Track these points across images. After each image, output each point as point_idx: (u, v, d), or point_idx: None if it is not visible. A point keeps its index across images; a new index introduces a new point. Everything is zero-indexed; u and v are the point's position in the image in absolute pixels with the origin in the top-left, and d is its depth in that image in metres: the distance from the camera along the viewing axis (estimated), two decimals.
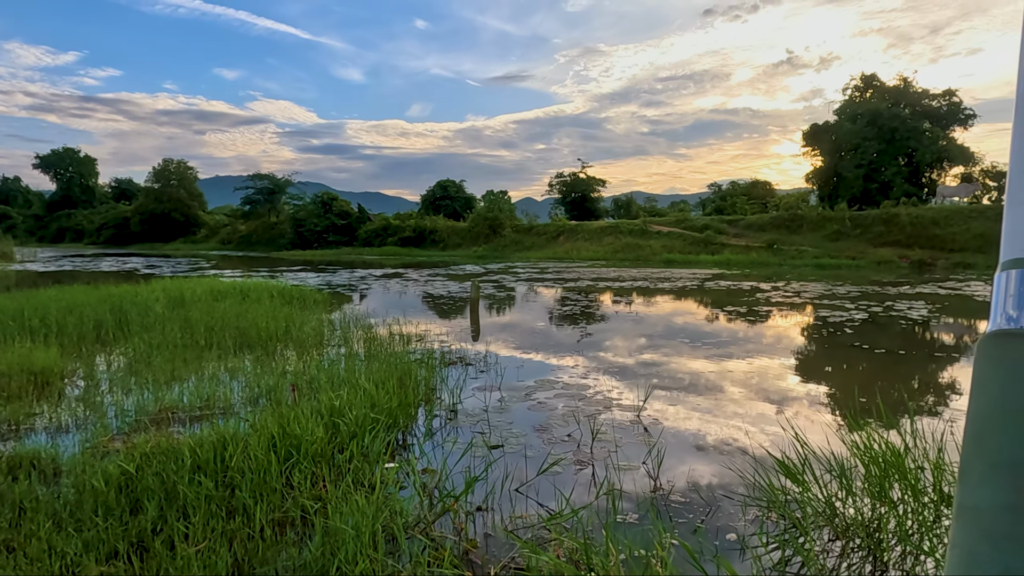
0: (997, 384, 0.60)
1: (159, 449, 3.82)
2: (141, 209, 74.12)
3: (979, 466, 0.58)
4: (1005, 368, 0.60)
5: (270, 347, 7.96)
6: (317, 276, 24.65)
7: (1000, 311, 0.63)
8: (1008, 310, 0.62)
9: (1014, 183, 0.66)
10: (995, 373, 0.60)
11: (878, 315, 12.60)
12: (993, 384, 0.60)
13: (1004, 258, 0.65)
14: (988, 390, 0.60)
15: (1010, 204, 0.65)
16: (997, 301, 0.64)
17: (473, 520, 3.50)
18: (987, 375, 0.61)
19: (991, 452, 0.58)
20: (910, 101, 44.97)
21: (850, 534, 3.24)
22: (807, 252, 34.01)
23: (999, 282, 0.64)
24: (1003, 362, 0.60)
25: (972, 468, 0.59)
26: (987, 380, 0.61)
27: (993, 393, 0.60)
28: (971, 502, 0.58)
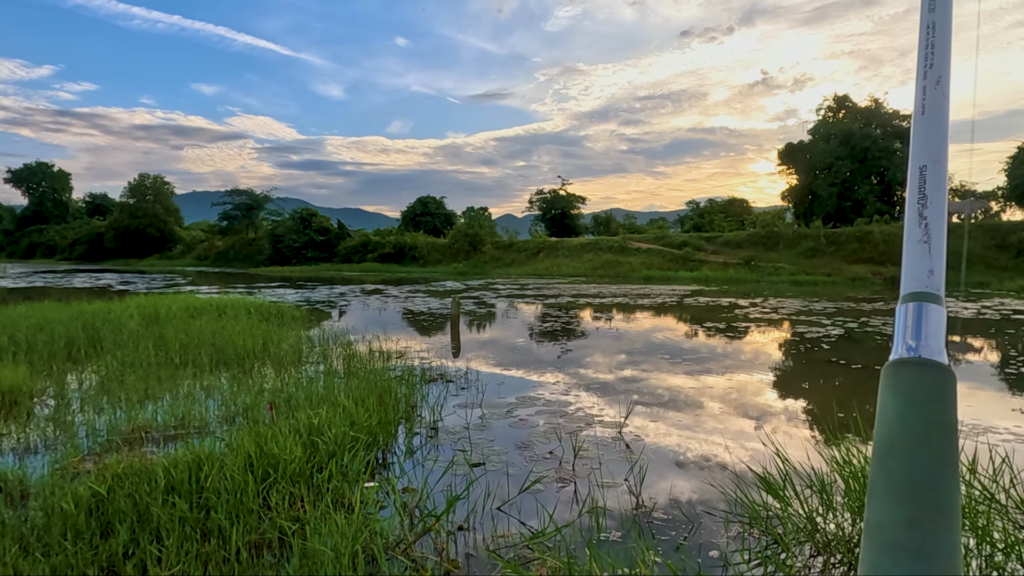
0: (896, 409, 0.65)
1: (131, 470, 3.72)
2: (116, 224, 73.02)
3: (882, 485, 0.63)
4: (903, 394, 0.65)
5: (247, 364, 7.84)
6: (296, 292, 24.42)
7: (901, 341, 0.68)
8: (907, 340, 0.68)
9: (910, 222, 0.73)
10: (894, 399, 0.66)
11: (854, 331, 12.79)
12: (892, 409, 0.65)
13: (903, 291, 0.71)
14: (888, 415, 0.65)
15: (907, 241, 0.72)
16: (898, 332, 0.69)
17: (455, 540, 3.45)
18: (888, 401, 0.66)
19: (892, 472, 0.62)
20: (881, 121, 46.12)
21: (831, 549, 3.25)
22: (784, 269, 34.50)
23: (899, 314, 0.70)
24: (901, 388, 0.66)
25: (876, 487, 0.63)
26: (889, 405, 0.66)
27: (893, 418, 0.65)
28: (876, 519, 0.62)
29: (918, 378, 0.65)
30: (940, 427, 0.63)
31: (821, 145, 45.75)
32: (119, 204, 76.30)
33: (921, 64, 0.77)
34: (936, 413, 0.63)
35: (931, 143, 0.75)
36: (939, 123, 0.75)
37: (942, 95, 0.76)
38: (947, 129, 0.76)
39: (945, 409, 0.64)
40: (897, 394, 0.66)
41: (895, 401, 0.65)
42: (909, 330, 0.68)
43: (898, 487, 0.62)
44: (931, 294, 0.69)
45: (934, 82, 0.76)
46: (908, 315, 0.69)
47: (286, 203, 70.90)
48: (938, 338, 0.67)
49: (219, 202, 72.23)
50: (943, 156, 0.75)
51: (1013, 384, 7.91)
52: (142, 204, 73.39)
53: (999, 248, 31.77)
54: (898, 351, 0.68)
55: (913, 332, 0.68)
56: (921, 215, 0.72)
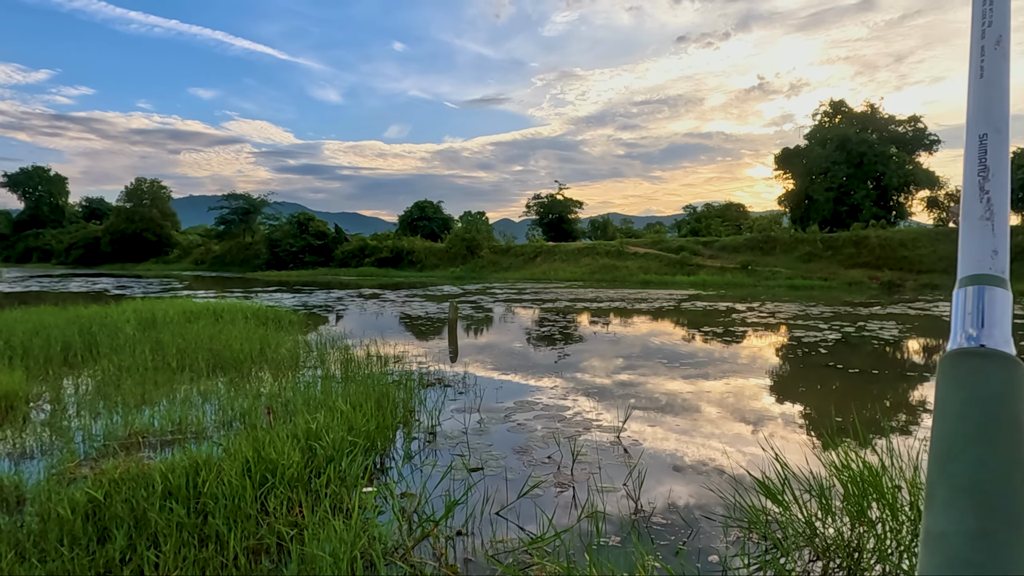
0: (958, 405, 0.59)
1: (128, 475, 3.70)
2: (112, 229, 72.86)
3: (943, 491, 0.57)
4: (965, 388, 0.59)
5: (244, 369, 7.82)
6: (293, 297, 24.38)
7: (960, 329, 0.62)
8: (967, 328, 0.61)
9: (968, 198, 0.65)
10: (956, 394, 0.59)
11: (851, 335, 12.81)
12: (954, 405, 0.59)
13: (961, 274, 0.65)
14: (949, 411, 0.59)
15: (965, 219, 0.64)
16: (956, 319, 0.63)
17: (453, 545, 3.44)
18: (948, 396, 0.60)
19: (954, 476, 0.56)
20: (877, 127, 46.28)
21: (830, 554, 3.24)
22: (780, 273, 34.56)
23: (957, 299, 0.64)
24: (963, 382, 0.59)
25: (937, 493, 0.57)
26: (948, 401, 0.59)
27: (954, 415, 0.58)
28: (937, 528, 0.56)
29: (983, 371, 0.59)
30: (1008, 425, 0.56)
31: (817, 150, 45.89)
32: (116, 208, 76.17)
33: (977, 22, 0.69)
34: (1004, 410, 0.57)
35: (992, 109, 0.67)
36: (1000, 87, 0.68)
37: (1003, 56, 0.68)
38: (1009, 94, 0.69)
39: (1014, 405, 0.57)
40: (958, 388, 0.59)
41: (956, 396, 0.59)
42: (970, 317, 0.61)
43: (963, 494, 0.55)
44: (995, 276, 0.62)
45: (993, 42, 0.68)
46: (968, 300, 0.62)
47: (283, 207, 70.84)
48: (1004, 326, 0.60)
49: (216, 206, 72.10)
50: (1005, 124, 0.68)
51: None
52: (139, 208, 73.27)
53: None
54: (957, 340, 0.61)
55: (975, 319, 0.61)
56: (983, 188, 0.65)
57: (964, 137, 0.66)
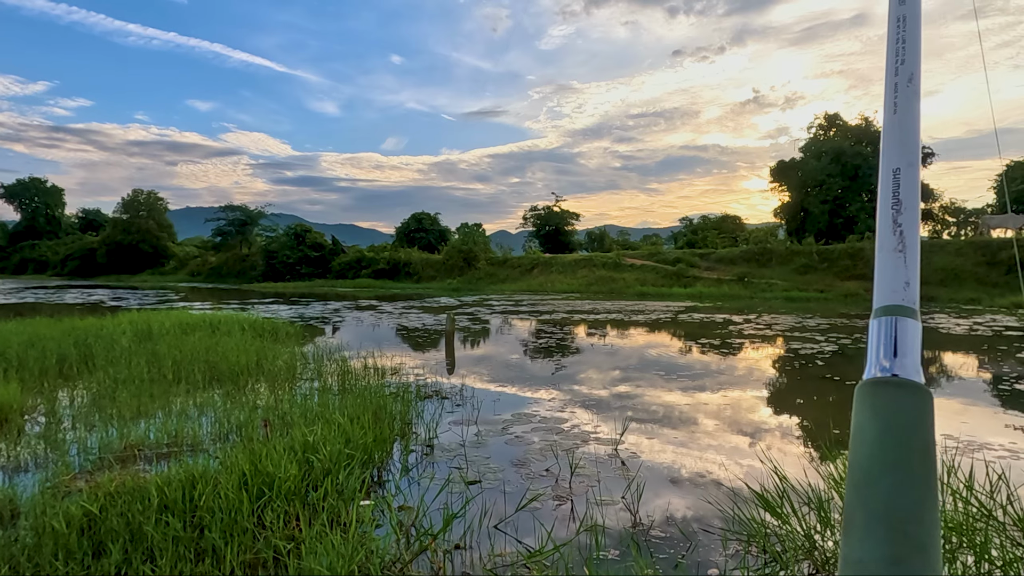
0: (873, 433, 0.61)
1: (124, 488, 3.68)
2: (108, 240, 72.73)
3: (860, 518, 0.58)
4: (880, 417, 0.61)
5: (241, 381, 7.79)
6: (289, 308, 24.33)
7: (875, 359, 0.65)
8: (881, 359, 0.64)
9: (883, 230, 0.68)
10: (872, 422, 0.62)
11: (847, 347, 12.82)
12: (870, 433, 0.61)
13: (876, 304, 0.67)
14: (866, 438, 0.61)
15: (880, 250, 0.68)
16: (871, 349, 0.66)
17: (451, 559, 3.42)
18: (864, 424, 0.62)
19: (871, 503, 0.58)
20: (871, 139, 46.58)
21: (830, 567, 3.23)
22: (777, 285, 34.64)
23: (873, 329, 0.66)
24: (878, 411, 0.62)
25: (854, 520, 0.59)
26: (865, 429, 0.62)
27: (870, 443, 0.61)
28: (855, 556, 0.58)
29: (895, 400, 0.62)
30: (920, 453, 0.59)
31: (812, 163, 46.15)
32: (112, 220, 76.07)
33: (891, 60, 0.73)
34: (915, 438, 0.60)
35: (904, 145, 0.70)
36: (911, 123, 0.71)
37: (914, 93, 0.71)
38: (919, 130, 0.71)
39: (924, 433, 0.61)
40: (874, 417, 0.62)
41: (872, 425, 0.62)
42: (884, 347, 0.65)
43: (878, 520, 0.57)
44: (907, 308, 0.66)
45: (906, 79, 0.72)
46: (882, 330, 0.66)
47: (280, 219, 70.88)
48: (914, 356, 0.64)
49: (213, 218, 72.06)
50: (916, 159, 0.70)
51: (1006, 401, 7.94)
52: (135, 220, 73.18)
53: (989, 265, 32.01)
54: (873, 369, 0.65)
55: (889, 349, 0.65)
56: (895, 222, 0.68)
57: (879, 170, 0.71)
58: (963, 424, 6.61)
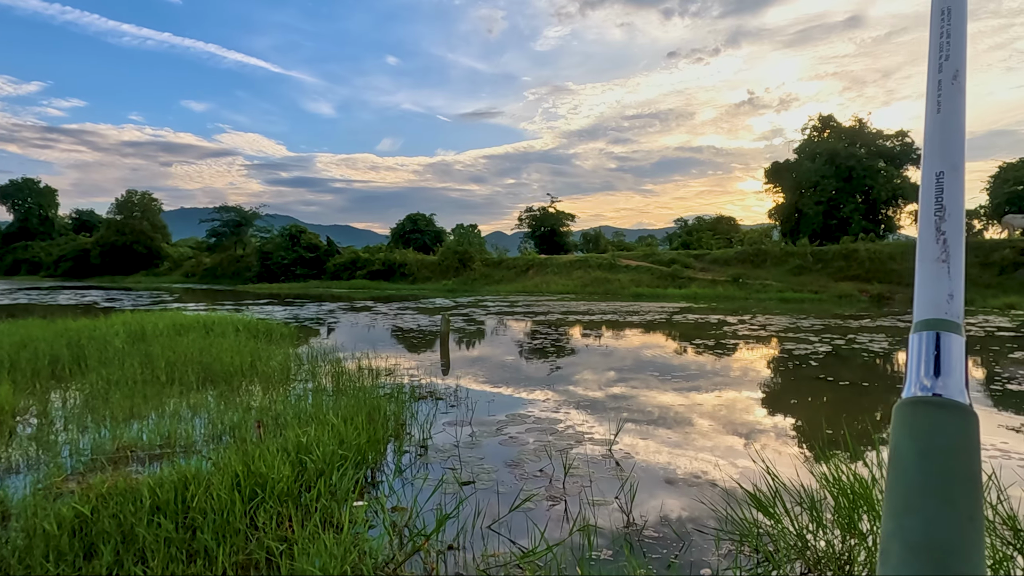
0: (914, 457, 0.57)
1: (116, 490, 3.66)
2: (102, 241, 72.47)
3: (898, 547, 0.55)
4: (921, 440, 0.58)
5: (235, 382, 7.77)
6: (284, 309, 24.29)
7: (915, 377, 0.61)
8: (922, 377, 0.60)
9: (925, 238, 0.64)
10: (911, 445, 0.58)
11: (841, 348, 12.87)
12: (910, 457, 0.57)
13: (917, 318, 0.63)
14: (904, 463, 0.58)
15: (921, 260, 0.64)
16: (912, 366, 0.62)
17: (444, 559, 3.42)
18: (903, 446, 0.59)
19: (910, 532, 0.55)
20: (865, 141, 46.80)
21: (822, 567, 3.24)
22: (771, 286, 34.74)
23: (913, 344, 0.62)
24: (918, 433, 0.58)
25: (891, 549, 0.56)
26: (904, 452, 0.58)
27: (910, 467, 0.57)
28: None
29: (938, 422, 0.57)
30: (964, 480, 0.55)
31: (807, 164, 46.32)
32: (106, 220, 75.82)
33: (934, 56, 0.67)
34: (960, 463, 0.55)
35: (948, 146, 0.65)
36: (957, 123, 0.66)
37: (959, 91, 0.66)
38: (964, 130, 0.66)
39: (969, 458, 0.56)
40: (914, 440, 0.58)
41: (912, 448, 0.57)
42: (925, 364, 0.60)
43: (919, 551, 0.53)
44: (951, 322, 0.61)
45: (951, 76, 0.66)
46: (924, 346, 0.61)
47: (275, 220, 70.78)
48: (959, 374, 0.59)
49: (207, 219, 71.88)
50: (961, 161, 0.65)
51: (999, 401, 7.98)
52: (129, 220, 72.96)
53: (983, 266, 32.18)
54: (912, 388, 0.60)
55: (930, 367, 0.60)
56: (939, 229, 0.63)
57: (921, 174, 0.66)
58: None
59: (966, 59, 0.66)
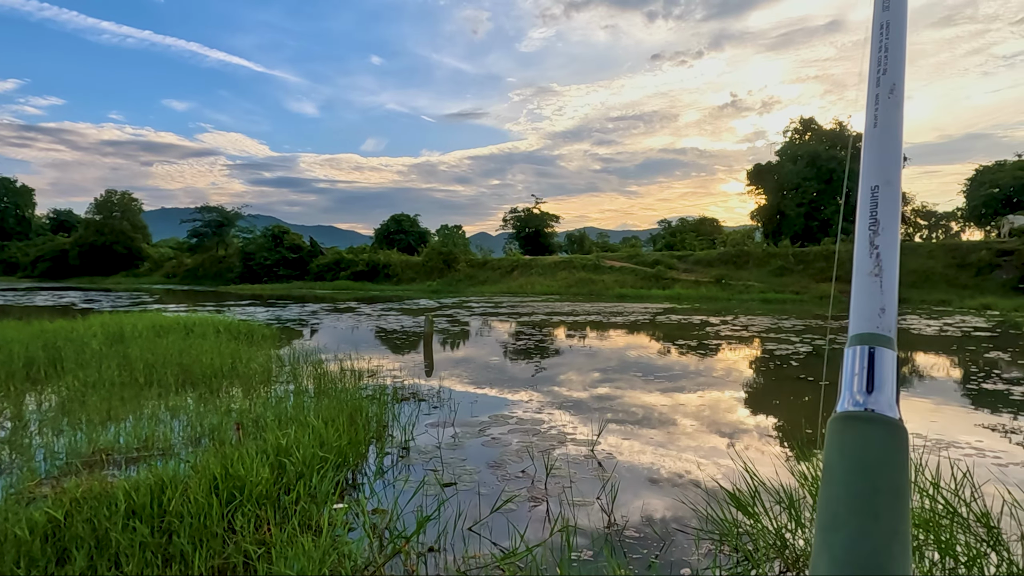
0: (842, 472, 0.57)
1: (91, 494, 3.60)
2: (81, 241, 71.44)
3: (826, 562, 0.55)
4: (851, 455, 0.58)
5: (215, 384, 7.68)
6: (266, 311, 24.08)
7: (848, 392, 0.61)
8: (854, 391, 0.61)
9: (860, 252, 0.64)
10: (842, 460, 0.58)
11: (822, 348, 13.00)
12: (840, 472, 0.58)
13: (852, 332, 0.63)
14: (834, 478, 0.58)
15: (856, 273, 0.64)
16: (845, 380, 0.62)
17: (425, 561, 3.40)
18: (835, 461, 0.59)
19: (836, 547, 0.55)
20: (846, 143, 47.37)
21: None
22: (754, 287, 35.04)
23: (847, 358, 0.63)
24: (849, 448, 0.58)
25: (820, 563, 0.56)
26: (835, 467, 0.58)
27: (838, 482, 0.57)
28: None
29: (868, 437, 0.58)
30: (891, 495, 0.55)
31: (788, 166, 46.84)
32: (84, 220, 74.78)
33: (873, 70, 0.68)
34: (887, 478, 0.56)
35: (884, 161, 0.66)
36: (893, 138, 0.66)
37: (896, 105, 0.67)
38: (901, 145, 0.66)
39: (897, 473, 0.57)
40: (844, 454, 0.58)
41: (841, 463, 0.58)
42: (859, 379, 0.61)
43: (844, 566, 0.54)
44: (883, 336, 0.62)
45: (887, 91, 0.67)
46: (857, 361, 0.62)
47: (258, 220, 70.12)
48: (890, 388, 0.60)
49: (189, 219, 71.12)
50: (896, 176, 0.65)
51: (974, 400, 8.10)
52: (109, 220, 72.00)
53: (959, 267, 32.70)
54: (845, 403, 0.61)
55: (863, 382, 0.61)
56: (872, 243, 0.64)
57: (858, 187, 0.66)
58: (932, 423, 6.74)
59: (904, 73, 0.67)
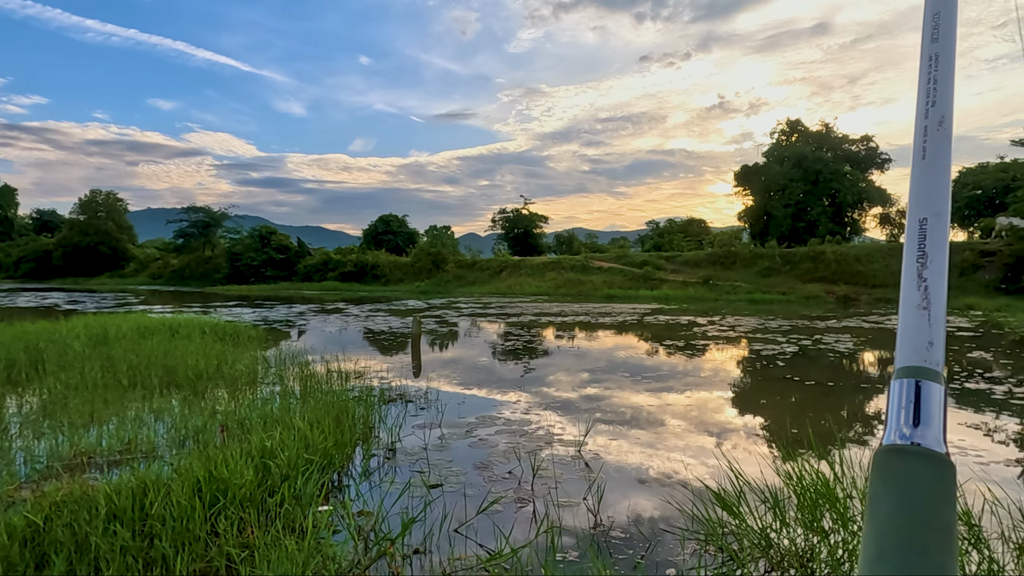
0: (888, 507, 0.57)
1: (71, 497, 3.55)
2: (65, 242, 70.64)
3: None
4: (898, 490, 0.58)
5: (199, 386, 7.61)
6: (253, 312, 23.92)
7: (895, 425, 0.61)
8: (902, 425, 0.60)
9: (907, 284, 0.64)
10: (888, 494, 0.58)
11: (808, 348, 13.10)
12: (886, 506, 0.57)
13: (898, 364, 0.63)
14: (881, 511, 0.57)
15: (903, 305, 0.64)
16: (892, 413, 0.62)
17: (410, 563, 3.39)
18: (880, 495, 0.58)
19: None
20: (832, 145, 47.84)
21: (785, 565, 3.28)
22: (741, 287, 35.23)
23: (894, 391, 0.62)
24: (895, 482, 0.58)
25: None
26: (881, 501, 0.58)
27: (886, 516, 0.57)
28: None
29: (915, 471, 0.58)
30: (939, 531, 0.55)
31: (775, 168, 47.16)
32: (69, 221, 73.96)
33: (922, 102, 0.67)
34: (935, 513, 0.55)
35: (933, 193, 0.65)
36: (942, 170, 0.65)
37: (945, 138, 0.66)
38: (949, 177, 0.66)
39: (944, 509, 0.56)
40: (890, 489, 0.58)
41: (888, 497, 0.57)
42: (905, 412, 0.61)
43: None
44: (930, 370, 0.61)
45: (936, 123, 0.66)
46: (903, 394, 0.61)
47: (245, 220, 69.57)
48: (938, 423, 0.60)
49: (175, 219, 70.48)
50: (945, 207, 0.65)
51: (958, 399, 8.19)
52: (93, 221, 71.25)
53: None
54: (892, 436, 0.60)
55: (909, 415, 0.60)
56: (920, 276, 0.63)
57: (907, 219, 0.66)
58: None
59: (953, 105, 0.66)
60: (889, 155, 48.03)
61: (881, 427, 4.70)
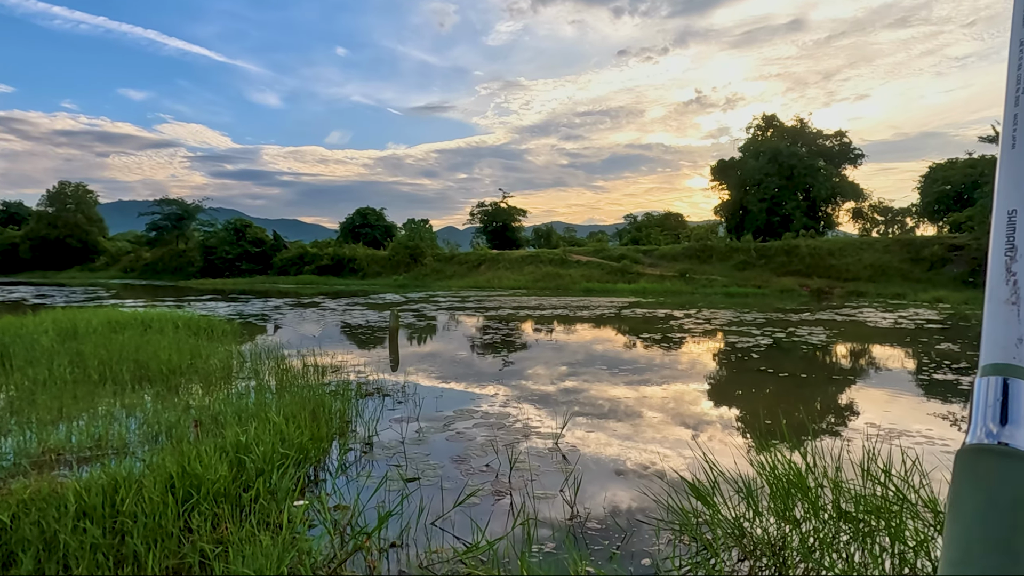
0: (975, 507, 0.54)
1: (39, 495, 3.48)
2: (32, 234, 68.97)
3: None
4: (983, 490, 0.55)
5: (173, 381, 7.50)
6: (228, 306, 23.60)
7: (980, 423, 0.58)
8: (987, 423, 0.57)
9: (994, 278, 0.60)
10: (973, 495, 0.55)
11: (782, 341, 13.29)
12: (972, 506, 0.54)
13: (984, 361, 0.60)
14: (966, 513, 0.55)
15: (990, 301, 0.60)
16: (977, 411, 0.58)
17: (387, 557, 3.38)
18: (965, 496, 0.55)
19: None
20: (806, 140, 48.43)
21: (757, 554, 3.34)
22: (717, 281, 35.61)
23: (979, 388, 0.59)
24: (982, 482, 0.55)
25: None
26: (965, 501, 0.55)
27: (971, 517, 0.54)
28: None
29: (1003, 472, 0.54)
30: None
31: (751, 162, 47.64)
32: (36, 213, 72.14)
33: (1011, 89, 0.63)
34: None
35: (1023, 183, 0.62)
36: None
37: None
38: None
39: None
40: (976, 489, 0.55)
41: (974, 497, 0.54)
42: (992, 411, 0.57)
43: None
44: (1019, 368, 0.58)
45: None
46: (990, 391, 0.58)
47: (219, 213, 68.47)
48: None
49: (147, 212, 69.17)
50: None
51: (927, 390, 8.38)
52: (62, 213, 69.60)
53: (913, 261, 33.73)
54: (977, 434, 0.57)
55: (997, 414, 0.57)
56: (1009, 270, 0.60)
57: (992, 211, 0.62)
58: (886, 412, 6.94)
59: None
60: (862, 150, 48.79)
61: (853, 417, 4.78)
